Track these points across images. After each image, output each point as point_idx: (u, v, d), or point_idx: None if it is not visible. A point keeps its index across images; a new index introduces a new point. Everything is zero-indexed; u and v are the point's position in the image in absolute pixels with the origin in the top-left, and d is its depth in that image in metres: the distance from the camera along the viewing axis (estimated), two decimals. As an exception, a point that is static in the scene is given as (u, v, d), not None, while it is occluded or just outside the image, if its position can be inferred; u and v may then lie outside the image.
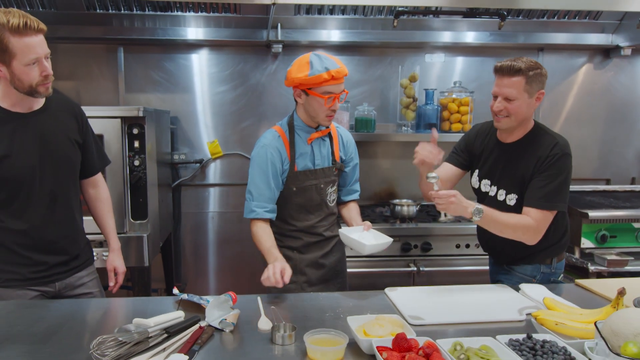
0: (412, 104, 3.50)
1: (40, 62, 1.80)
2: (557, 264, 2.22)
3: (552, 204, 2.04)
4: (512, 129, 2.14)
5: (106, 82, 3.48)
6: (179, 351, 1.48)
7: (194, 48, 3.58)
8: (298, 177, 2.22)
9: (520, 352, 1.38)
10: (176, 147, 3.63)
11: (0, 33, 1.72)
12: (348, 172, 2.39)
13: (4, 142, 1.86)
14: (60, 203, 1.99)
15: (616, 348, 1.18)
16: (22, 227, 1.92)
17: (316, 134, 2.24)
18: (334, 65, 2.07)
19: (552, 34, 3.68)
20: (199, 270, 3.76)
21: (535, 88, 2.05)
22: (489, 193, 2.23)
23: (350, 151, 2.39)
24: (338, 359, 1.45)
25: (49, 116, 1.97)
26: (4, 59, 1.76)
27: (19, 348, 1.52)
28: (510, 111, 2.05)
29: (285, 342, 1.55)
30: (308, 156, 2.24)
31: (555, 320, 1.49)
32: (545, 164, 2.05)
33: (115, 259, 2.25)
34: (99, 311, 1.86)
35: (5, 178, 1.87)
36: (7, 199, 1.90)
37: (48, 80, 1.85)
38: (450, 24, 3.58)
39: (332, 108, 2.14)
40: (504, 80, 2.04)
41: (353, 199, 2.46)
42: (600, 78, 3.87)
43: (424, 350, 1.36)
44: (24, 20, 1.73)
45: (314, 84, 2.08)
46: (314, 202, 2.27)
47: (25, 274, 1.95)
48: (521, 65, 2.00)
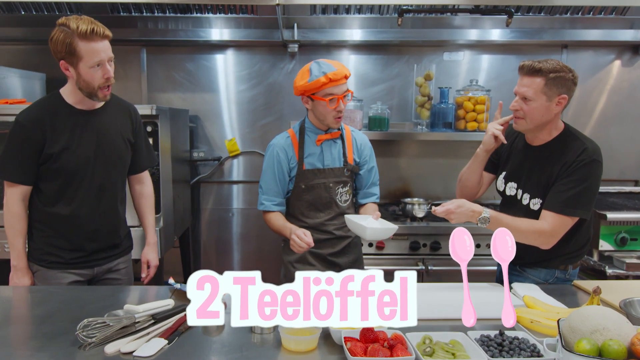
0: (427, 102, 3.48)
1: (104, 65, 2.00)
2: (572, 270, 2.15)
3: (571, 210, 1.94)
4: (534, 132, 2.07)
5: (130, 83, 3.64)
6: (161, 336, 1.55)
7: (214, 49, 3.68)
8: (306, 175, 2.33)
9: (487, 347, 1.38)
10: (196, 145, 3.75)
11: (70, 38, 1.92)
12: (363, 175, 2.44)
13: (66, 135, 2.06)
14: (107, 195, 2.18)
15: (572, 345, 1.17)
16: (70, 214, 2.11)
17: (325, 135, 2.34)
18: (331, 68, 2.19)
19: (577, 30, 3.58)
20: (217, 265, 3.86)
21: (555, 92, 1.95)
22: (514, 196, 2.17)
23: (365, 154, 2.44)
24: (311, 348, 1.48)
25: (107, 115, 2.17)
26: (72, 61, 1.97)
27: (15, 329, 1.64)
28: (526, 112, 1.99)
29: (264, 331, 1.60)
30: (317, 156, 2.35)
31: (530, 318, 1.48)
32: (571, 169, 1.96)
33: (149, 252, 2.42)
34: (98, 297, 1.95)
35: (62, 168, 2.07)
36: (61, 187, 2.10)
37: (108, 82, 2.03)
38: (470, 22, 3.54)
39: (337, 109, 2.24)
40: (524, 80, 1.99)
41: (371, 201, 2.48)
42: (629, 75, 3.73)
43: (389, 342, 1.38)
44: (91, 27, 1.93)
45: (314, 88, 2.20)
46: (322, 200, 2.35)
47: (67, 258, 2.14)
48: (542, 66, 1.93)
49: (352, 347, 1.35)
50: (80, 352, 1.46)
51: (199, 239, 3.84)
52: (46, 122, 2.03)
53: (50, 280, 2.14)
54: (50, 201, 2.11)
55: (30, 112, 2.07)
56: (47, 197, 2.11)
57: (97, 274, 2.23)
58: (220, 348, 1.51)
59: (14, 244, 2.11)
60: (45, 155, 2.04)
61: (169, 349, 1.49)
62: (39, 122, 2.03)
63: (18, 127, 2.04)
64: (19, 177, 2.08)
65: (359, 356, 1.33)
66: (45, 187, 2.11)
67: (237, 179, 3.79)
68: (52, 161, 2.05)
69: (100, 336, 1.51)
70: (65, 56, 1.96)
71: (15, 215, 2.10)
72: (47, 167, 2.07)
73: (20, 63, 3.42)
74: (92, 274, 2.22)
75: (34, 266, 2.15)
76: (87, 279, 2.22)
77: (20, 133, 2.04)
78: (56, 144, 2.04)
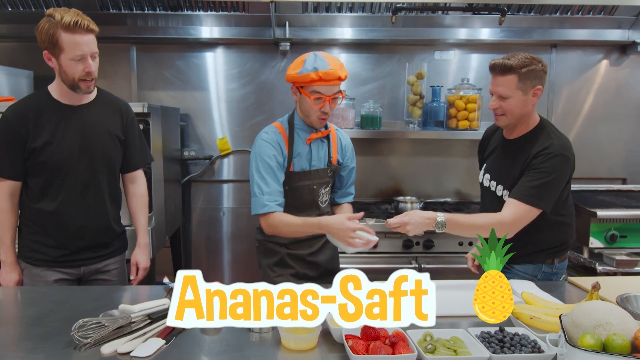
0: (418, 101, 3.48)
1: (85, 60, 1.98)
2: (559, 264, 2.17)
3: (534, 200, 1.97)
4: (512, 126, 2.11)
5: (119, 81, 3.59)
6: (158, 336, 1.53)
7: (205, 46, 3.65)
8: (292, 177, 2.18)
9: (488, 343, 1.38)
10: (186, 144, 3.71)
11: (54, 28, 1.92)
12: (344, 176, 2.37)
13: (49, 130, 2.05)
14: (92, 192, 2.14)
15: (575, 340, 1.17)
16: (55, 210, 2.09)
17: (316, 134, 2.20)
18: (324, 66, 2.02)
19: (566, 30, 3.61)
20: (208, 265, 3.83)
21: (529, 85, 2.00)
22: (489, 187, 2.22)
23: (347, 155, 2.35)
24: (311, 346, 1.47)
25: (94, 111, 2.15)
26: (54, 51, 1.97)
27: (7, 330, 1.60)
28: (505, 109, 2.04)
29: (262, 330, 1.58)
30: (305, 156, 2.20)
31: (529, 314, 1.48)
32: (536, 162, 2.00)
33: (139, 253, 2.37)
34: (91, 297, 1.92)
35: (45, 162, 2.06)
36: (45, 183, 2.09)
37: (89, 77, 2.01)
38: (461, 21, 3.56)
39: (322, 110, 2.09)
40: (497, 79, 2.02)
41: (347, 201, 2.43)
42: (616, 75, 3.77)
43: (391, 340, 1.38)
44: (75, 19, 1.91)
45: (303, 82, 2.06)
46: (304, 202, 2.22)
47: (53, 256, 2.13)
48: (512, 62, 1.96)
49: (354, 344, 1.34)
50: (75, 353, 1.43)
51: (189, 239, 3.81)
52: (30, 117, 2.04)
53: (36, 277, 2.13)
54: (36, 197, 2.10)
55: (16, 107, 2.09)
56: (33, 193, 2.11)
57: (85, 273, 2.20)
58: (219, 347, 1.49)
59: (2, 238, 2.12)
60: (29, 150, 2.04)
61: (167, 349, 1.47)
62: (23, 117, 2.04)
63: (4, 122, 2.05)
64: (6, 172, 2.08)
65: (361, 354, 1.32)
66: (31, 182, 2.11)
67: (228, 178, 3.76)
68: (35, 156, 2.05)
69: (95, 336, 1.48)
70: (48, 46, 1.96)
71: (3, 210, 2.10)
72: (32, 162, 2.06)
73: (7, 60, 3.36)
74: (79, 273, 2.18)
75: (22, 263, 2.15)
76: (74, 278, 2.19)
77: (6, 128, 2.05)
78: (39, 138, 2.04)
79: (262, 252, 2.30)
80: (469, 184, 3.76)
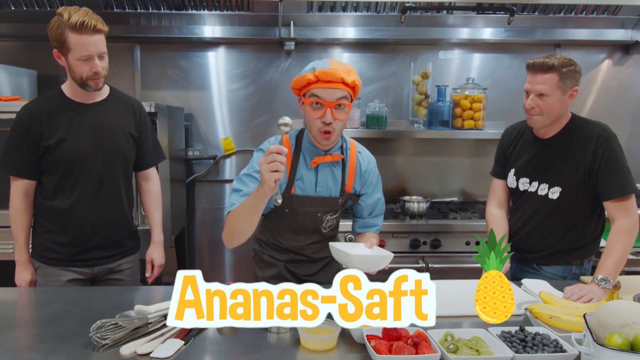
0: (424, 100, 3.49)
1: (92, 60, 1.98)
2: (587, 264, 2.18)
3: (629, 187, 1.99)
4: (546, 126, 2.11)
5: (123, 80, 3.56)
6: (176, 336, 1.52)
7: (209, 46, 3.64)
8: (293, 200, 1.94)
9: (510, 343, 1.38)
10: (190, 144, 3.70)
11: (62, 28, 1.93)
12: (364, 206, 2.06)
13: (62, 127, 2.06)
14: (106, 189, 2.15)
15: (602, 339, 1.17)
16: (69, 207, 2.10)
17: (322, 158, 1.90)
18: (323, 65, 1.75)
19: (569, 29, 3.62)
20: (212, 265, 3.83)
21: (568, 85, 2.02)
22: (527, 190, 2.19)
23: (369, 183, 2.03)
24: (330, 347, 1.47)
25: (107, 108, 2.15)
26: (62, 50, 1.98)
27: (24, 331, 1.59)
28: (543, 108, 2.03)
29: (280, 330, 1.58)
30: (308, 181, 1.94)
31: (549, 314, 1.48)
32: (600, 155, 2.01)
33: (154, 251, 2.38)
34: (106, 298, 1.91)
35: (60, 160, 2.06)
36: (60, 180, 2.09)
37: (97, 76, 2.01)
38: (465, 20, 3.56)
39: (323, 120, 1.77)
40: (537, 77, 2.02)
41: (370, 232, 2.13)
42: (618, 75, 3.79)
43: (413, 340, 1.37)
44: (82, 20, 1.91)
45: (301, 86, 1.80)
46: (305, 227, 2.01)
47: (67, 254, 2.13)
48: (554, 61, 1.98)
49: (377, 345, 1.34)
50: (95, 354, 1.42)
51: (193, 239, 3.79)
52: (44, 115, 2.04)
53: (49, 277, 2.13)
54: (51, 195, 2.10)
55: (29, 106, 2.10)
56: (47, 191, 2.11)
57: (98, 273, 2.20)
58: (238, 348, 1.49)
59: (17, 237, 2.13)
60: (43, 148, 2.04)
61: (186, 350, 1.46)
62: (37, 116, 2.04)
63: (18, 121, 2.07)
64: (21, 172, 2.09)
65: (384, 354, 1.32)
66: (45, 181, 2.11)
67: (232, 178, 3.75)
68: (49, 153, 2.05)
69: (113, 337, 1.47)
70: (56, 45, 1.98)
71: (17, 209, 2.11)
72: (46, 160, 2.06)
73: (8, 59, 3.33)
74: (93, 273, 2.19)
75: (35, 262, 2.16)
76: (88, 278, 2.19)
77: (20, 127, 2.06)
78: (53, 135, 2.04)
79: (258, 263, 2.14)
80: (474, 183, 3.76)
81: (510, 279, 2.15)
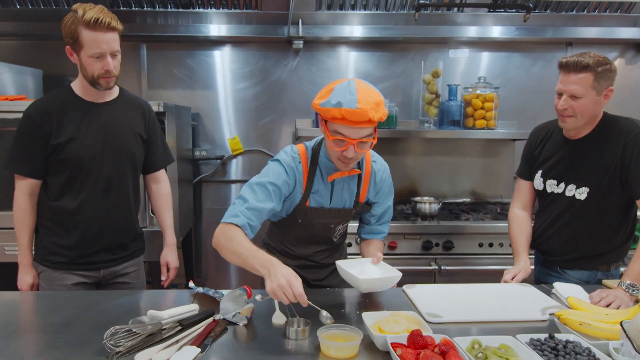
0: (434, 100, 3.44)
1: (104, 58, 1.93)
2: (614, 270, 2.10)
3: None
4: (581, 127, 2.01)
5: (129, 79, 3.52)
6: (192, 343, 1.47)
7: (216, 45, 3.59)
8: (307, 212, 1.94)
9: (541, 352, 1.33)
10: (197, 144, 3.65)
11: (75, 24, 1.89)
12: (373, 213, 2.08)
13: (72, 126, 2.01)
14: (115, 190, 2.10)
15: (643, 348, 1.12)
16: (76, 208, 2.04)
17: (339, 174, 1.89)
18: (351, 103, 1.63)
19: (581, 28, 3.58)
20: (219, 266, 3.78)
21: (603, 85, 1.92)
22: (554, 192, 2.12)
23: (382, 192, 2.03)
24: (352, 355, 1.42)
25: (117, 108, 2.11)
26: (75, 47, 1.94)
27: (34, 337, 1.54)
28: (576, 110, 1.93)
29: (298, 336, 1.53)
30: (324, 195, 1.93)
31: (579, 320, 1.43)
32: (630, 148, 1.93)
33: (168, 253, 2.34)
34: (116, 303, 1.86)
35: (68, 159, 2.01)
36: (67, 180, 2.04)
37: (108, 75, 1.97)
38: (475, 19, 3.52)
39: (345, 154, 1.73)
40: (570, 77, 1.92)
41: (377, 239, 2.14)
42: (631, 73, 3.75)
43: (440, 348, 1.32)
44: (96, 17, 1.88)
45: (325, 117, 1.73)
46: (317, 237, 2.03)
47: (72, 257, 2.07)
48: (589, 60, 1.88)
49: (403, 353, 1.29)
50: (109, 363, 1.37)
51: (200, 240, 3.75)
52: (53, 113, 2.00)
53: (54, 281, 2.07)
54: (57, 195, 2.05)
55: (38, 104, 2.05)
56: (53, 191, 2.06)
57: (104, 276, 2.15)
58: (256, 356, 1.44)
59: (20, 239, 2.08)
60: (52, 147, 1.99)
61: (203, 358, 1.41)
62: (47, 114, 2.00)
63: (26, 119, 2.01)
64: (27, 170, 2.04)
65: (411, 363, 1.27)
66: (52, 180, 2.05)
67: (239, 178, 3.70)
68: (58, 152, 2.00)
69: (127, 344, 1.42)
70: (70, 42, 1.94)
71: (22, 209, 2.06)
72: (54, 159, 2.01)
73: (13, 58, 3.28)
74: (99, 276, 2.14)
75: (39, 266, 2.10)
76: (94, 282, 2.14)
77: (28, 125, 2.01)
78: (62, 134, 1.99)
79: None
80: (485, 184, 3.71)
81: (534, 283, 2.14)
